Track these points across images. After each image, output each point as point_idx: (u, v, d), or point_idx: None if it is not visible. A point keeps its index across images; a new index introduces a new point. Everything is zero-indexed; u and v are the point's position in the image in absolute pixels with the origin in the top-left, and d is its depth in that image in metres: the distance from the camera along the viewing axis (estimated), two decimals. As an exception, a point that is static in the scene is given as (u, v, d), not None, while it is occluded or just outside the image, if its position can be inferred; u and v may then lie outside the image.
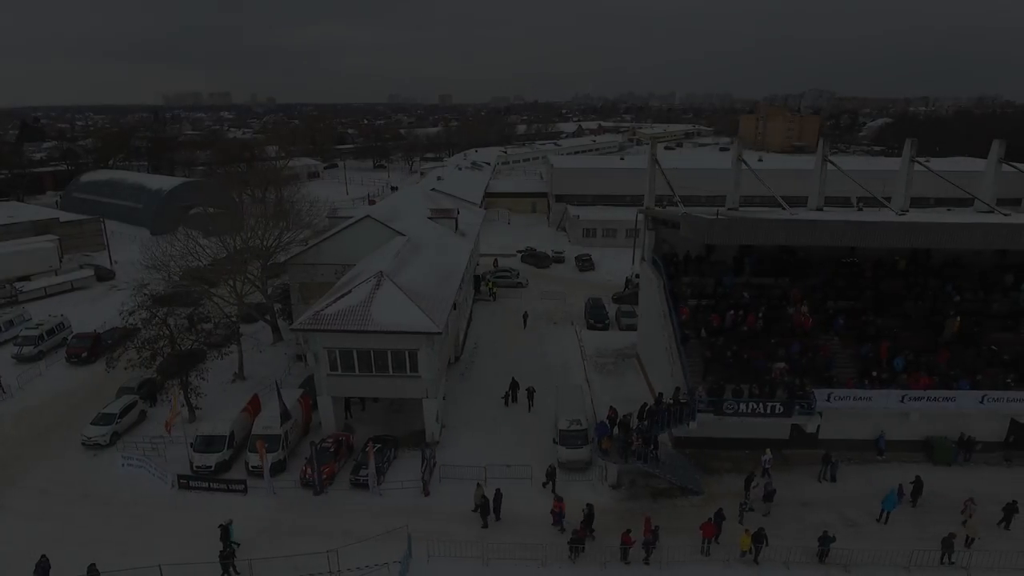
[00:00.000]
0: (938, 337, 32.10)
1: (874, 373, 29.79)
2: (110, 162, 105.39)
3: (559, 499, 26.22)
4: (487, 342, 46.70)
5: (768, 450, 29.34)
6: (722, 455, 31.23)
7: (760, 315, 32.42)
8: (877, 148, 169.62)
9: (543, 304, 54.59)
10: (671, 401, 28.98)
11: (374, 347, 31.08)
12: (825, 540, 24.34)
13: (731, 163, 37.65)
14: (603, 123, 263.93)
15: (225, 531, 24.43)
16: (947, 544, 24.54)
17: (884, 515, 26.63)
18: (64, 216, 69.48)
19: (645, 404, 29.44)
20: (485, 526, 26.36)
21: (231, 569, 24.02)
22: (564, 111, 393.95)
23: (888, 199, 36.67)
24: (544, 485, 28.37)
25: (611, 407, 29.14)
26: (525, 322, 49.62)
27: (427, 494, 28.57)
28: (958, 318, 32.28)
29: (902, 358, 30.33)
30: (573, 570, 24.53)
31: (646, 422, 28.45)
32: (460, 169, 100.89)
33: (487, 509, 26.20)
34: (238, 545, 24.67)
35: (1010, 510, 26.24)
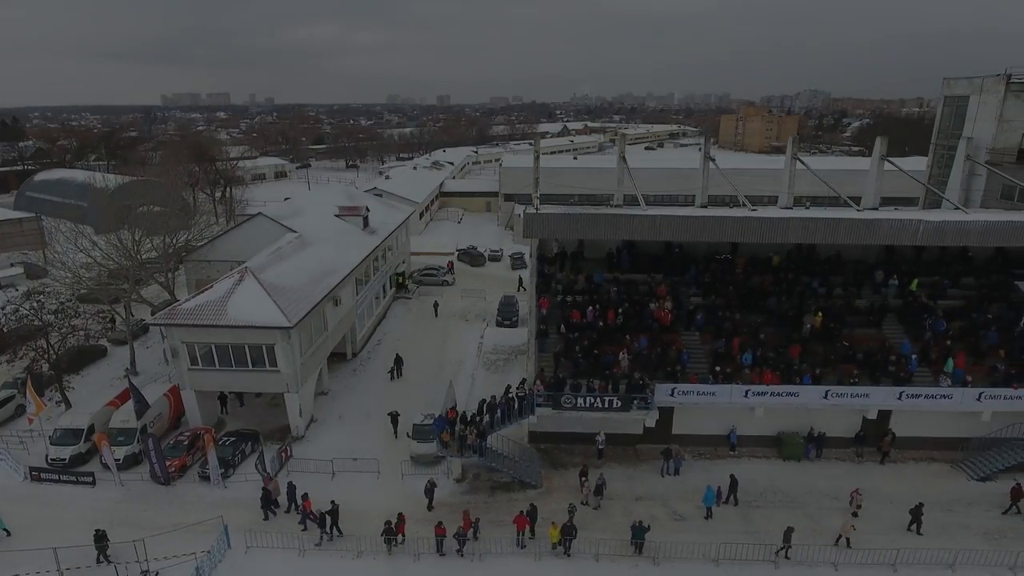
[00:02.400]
0: (798, 333, 32.19)
1: (718, 368, 29.88)
2: (67, 162, 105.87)
3: (305, 497, 26.17)
4: (393, 339, 46.88)
5: (602, 432, 29.51)
6: (576, 450, 31.42)
7: (620, 311, 32.58)
8: (856, 148, 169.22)
9: (462, 302, 54.77)
10: (511, 395, 29.16)
11: (231, 342, 31.38)
12: (638, 531, 24.47)
13: (616, 163, 37.69)
14: (590, 123, 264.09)
15: None
16: (787, 537, 24.70)
17: (708, 511, 26.75)
18: (2, 215, 70.04)
19: (484, 400, 29.58)
20: (265, 518, 26.58)
21: (105, 554, 24.14)
22: (558, 112, 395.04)
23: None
24: (429, 508, 27.44)
25: (452, 407, 29.35)
26: (436, 311, 50.42)
27: (270, 487, 28.79)
28: (819, 314, 32.41)
29: (750, 353, 30.42)
30: (388, 561, 24.71)
31: (484, 416, 28.61)
32: (416, 169, 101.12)
33: (267, 502, 26.49)
34: (8, 533, 25.27)
35: (917, 513, 25.91)
